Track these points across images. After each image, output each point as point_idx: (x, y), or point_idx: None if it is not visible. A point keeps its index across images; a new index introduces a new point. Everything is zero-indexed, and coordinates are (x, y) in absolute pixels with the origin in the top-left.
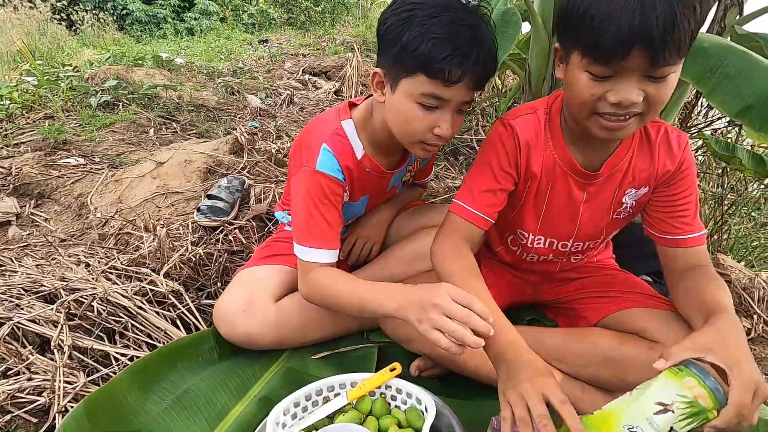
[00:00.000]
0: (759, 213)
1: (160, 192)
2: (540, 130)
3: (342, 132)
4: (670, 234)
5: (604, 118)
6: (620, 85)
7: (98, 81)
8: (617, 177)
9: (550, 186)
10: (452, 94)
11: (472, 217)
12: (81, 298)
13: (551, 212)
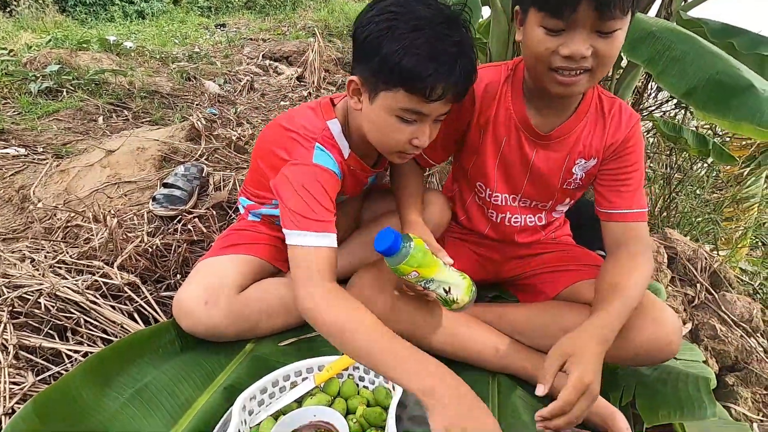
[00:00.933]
0: (702, 190)
1: (112, 182)
2: (500, 82)
3: (329, 133)
4: (606, 207)
5: (558, 73)
6: (571, 38)
7: (38, 66)
8: (568, 143)
9: (504, 139)
10: (432, 109)
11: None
12: (26, 294)
13: (505, 162)
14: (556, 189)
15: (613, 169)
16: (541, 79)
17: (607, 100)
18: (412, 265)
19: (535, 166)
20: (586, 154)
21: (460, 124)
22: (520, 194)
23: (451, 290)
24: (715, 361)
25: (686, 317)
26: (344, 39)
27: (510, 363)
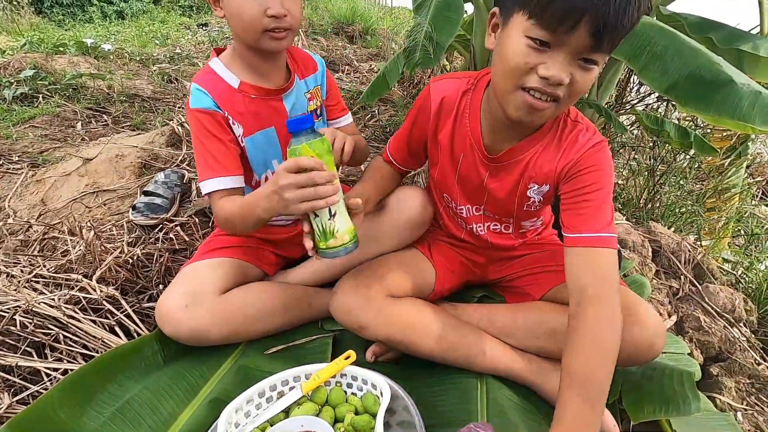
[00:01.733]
0: (686, 181)
1: (90, 191)
2: (457, 98)
3: (209, 69)
4: (567, 232)
5: (529, 94)
6: (554, 59)
7: (12, 71)
8: (518, 167)
9: (462, 155)
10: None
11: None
12: (1, 312)
13: (463, 179)
14: (516, 208)
15: (569, 192)
16: (506, 98)
17: (571, 124)
18: (314, 150)
19: (489, 188)
20: (538, 179)
21: (421, 133)
22: (482, 207)
23: (336, 216)
24: (700, 352)
25: (671, 309)
26: (328, 37)
27: (498, 365)
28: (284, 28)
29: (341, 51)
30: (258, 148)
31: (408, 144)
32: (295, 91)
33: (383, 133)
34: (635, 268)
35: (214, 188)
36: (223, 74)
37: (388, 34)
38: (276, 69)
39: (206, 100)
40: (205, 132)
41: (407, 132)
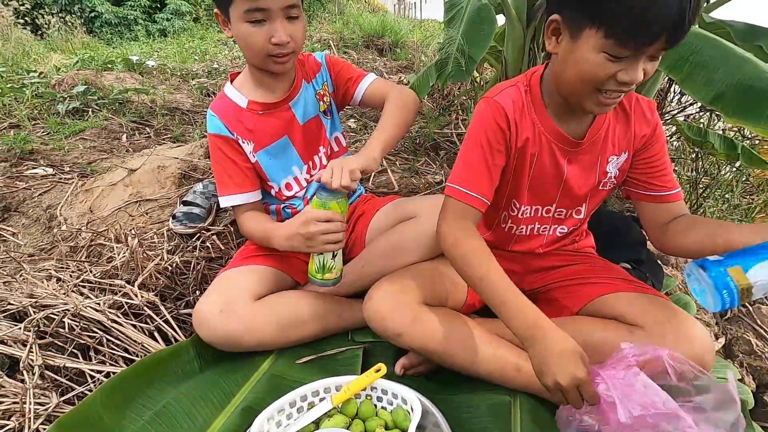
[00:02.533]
0: (732, 195)
1: (133, 200)
2: (522, 101)
3: (223, 94)
4: (655, 191)
5: (604, 95)
6: (633, 65)
7: (66, 87)
8: (598, 144)
9: (536, 155)
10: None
11: (469, 200)
12: (52, 314)
13: (537, 180)
14: (591, 192)
15: (649, 158)
16: (582, 98)
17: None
18: (341, 207)
19: (570, 176)
20: (617, 150)
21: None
22: (553, 204)
23: (336, 257)
24: (752, 378)
25: (719, 332)
26: (359, 50)
27: (532, 383)
28: (287, 53)
29: (371, 63)
30: (274, 158)
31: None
32: (302, 95)
33: (413, 144)
34: (678, 287)
35: (232, 203)
36: (233, 96)
37: (418, 47)
38: (285, 81)
39: (218, 124)
40: (220, 154)
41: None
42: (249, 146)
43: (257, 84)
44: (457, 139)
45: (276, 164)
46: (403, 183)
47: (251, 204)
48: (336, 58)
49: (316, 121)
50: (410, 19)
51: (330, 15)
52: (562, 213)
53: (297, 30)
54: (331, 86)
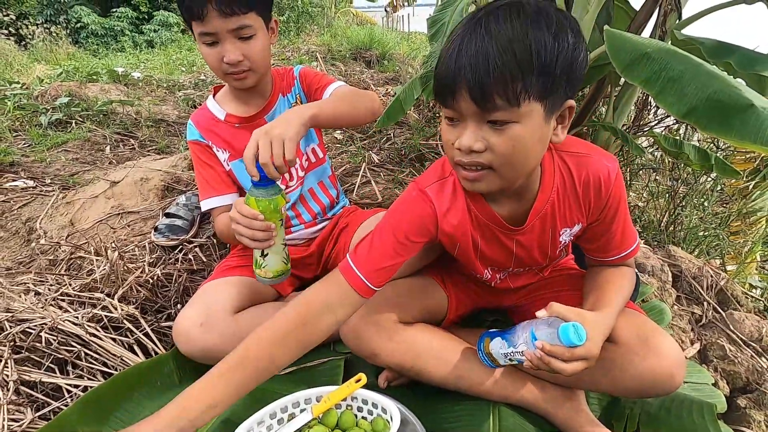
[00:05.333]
0: (709, 204)
1: (115, 213)
2: (458, 191)
3: (204, 106)
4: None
5: (460, 166)
6: (463, 129)
7: (49, 99)
8: (546, 221)
9: (479, 238)
10: None
11: (360, 287)
12: (28, 329)
13: (487, 256)
14: (545, 258)
15: (601, 229)
16: (455, 173)
17: (573, 161)
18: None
19: (519, 251)
20: (570, 222)
21: (419, 246)
22: (510, 269)
23: (268, 257)
24: (726, 383)
25: (694, 337)
26: (346, 62)
27: (509, 393)
28: (243, 71)
29: (359, 75)
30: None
31: (397, 264)
32: (278, 109)
33: (398, 156)
34: (654, 294)
35: (209, 206)
36: (212, 109)
37: (405, 59)
38: (258, 95)
39: (194, 132)
40: (198, 160)
41: (393, 252)
42: (224, 154)
43: (234, 97)
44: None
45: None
46: (387, 194)
47: (227, 206)
48: (309, 71)
49: None
50: (398, 32)
51: (318, 27)
52: (520, 271)
53: (252, 48)
54: (304, 98)
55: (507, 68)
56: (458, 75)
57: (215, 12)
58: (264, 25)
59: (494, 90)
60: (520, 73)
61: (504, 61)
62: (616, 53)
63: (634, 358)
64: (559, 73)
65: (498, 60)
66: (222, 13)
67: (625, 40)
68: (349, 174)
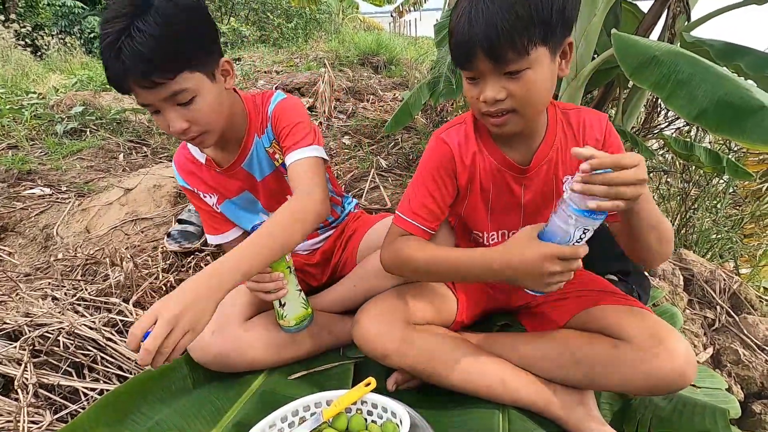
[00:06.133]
0: (721, 206)
1: (129, 219)
2: (470, 136)
3: (184, 145)
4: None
5: (488, 117)
6: (484, 85)
7: (64, 108)
8: (550, 167)
9: (491, 185)
10: None
11: (410, 228)
12: (47, 333)
13: (496, 206)
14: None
15: None
16: (484, 124)
17: (572, 113)
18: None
19: (527, 200)
20: (571, 170)
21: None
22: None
23: (285, 306)
24: (740, 388)
25: (707, 342)
26: (354, 68)
27: (520, 397)
28: (195, 136)
29: (366, 81)
30: (240, 208)
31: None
32: (254, 154)
33: (406, 160)
34: (665, 297)
35: (214, 243)
36: (193, 150)
37: (412, 64)
38: (232, 141)
39: (179, 177)
40: (192, 201)
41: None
42: (212, 199)
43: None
44: None
45: (242, 213)
46: (395, 199)
47: (232, 240)
48: (283, 113)
49: (274, 176)
50: (405, 37)
51: (326, 34)
52: None
53: (195, 112)
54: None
55: (514, 28)
56: (473, 41)
57: (137, 87)
58: (207, 78)
59: (506, 48)
60: (524, 29)
61: (510, 22)
62: (625, 57)
63: (646, 356)
64: (555, 19)
65: (506, 23)
66: (144, 88)
67: (634, 44)
68: (358, 179)
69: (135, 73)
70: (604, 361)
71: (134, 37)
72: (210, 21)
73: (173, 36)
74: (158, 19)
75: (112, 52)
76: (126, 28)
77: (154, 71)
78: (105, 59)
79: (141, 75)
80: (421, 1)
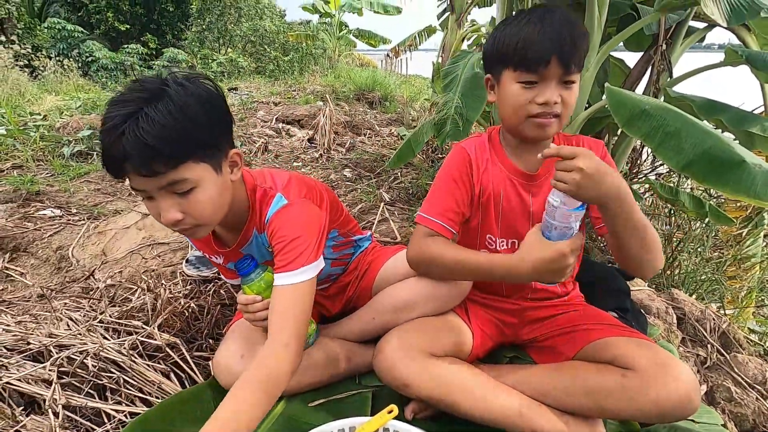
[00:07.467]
0: (704, 249)
1: (146, 243)
2: (485, 147)
3: None
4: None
5: (535, 118)
6: (543, 89)
7: (70, 131)
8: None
9: (501, 193)
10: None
11: (436, 227)
12: (73, 355)
13: (508, 215)
14: None
15: None
16: (520, 127)
17: (574, 137)
18: (253, 290)
19: (535, 208)
20: None
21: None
22: None
23: None
24: (734, 424)
25: (701, 379)
26: (350, 103)
27: (534, 427)
28: (188, 228)
29: (362, 116)
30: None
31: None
32: (254, 244)
33: (406, 195)
34: (661, 335)
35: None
36: None
37: (406, 101)
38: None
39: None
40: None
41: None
42: (219, 259)
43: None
44: None
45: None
46: (403, 232)
47: None
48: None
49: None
50: (398, 75)
51: (321, 68)
52: None
53: (192, 203)
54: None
55: (581, 43)
56: (551, 47)
57: (134, 173)
58: (212, 170)
59: (574, 59)
60: (582, 48)
61: (577, 38)
62: (617, 109)
63: (654, 383)
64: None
65: (576, 39)
66: (142, 175)
67: (625, 98)
68: (365, 212)
69: (134, 159)
70: (614, 389)
71: (140, 123)
72: (226, 111)
73: (182, 126)
74: (170, 107)
75: (113, 136)
76: (134, 113)
77: (155, 159)
78: (104, 141)
79: (140, 163)
80: (416, 44)
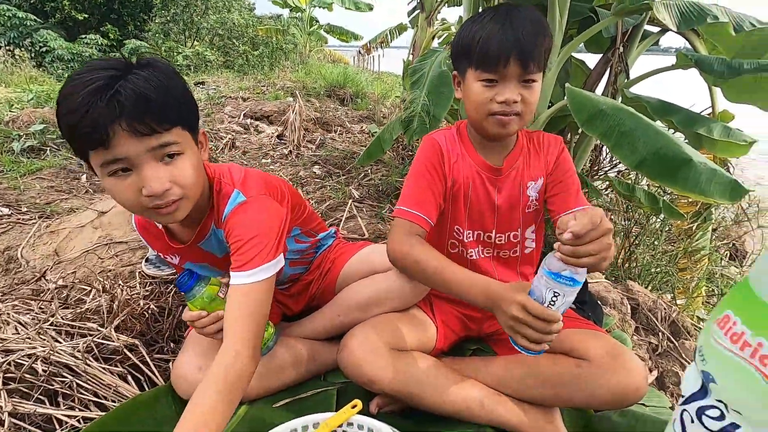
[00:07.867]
0: (659, 243)
1: (103, 242)
2: (455, 140)
3: None
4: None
5: (496, 116)
6: (503, 88)
7: (21, 125)
8: (518, 172)
9: (470, 185)
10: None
11: (415, 219)
12: (20, 359)
13: (475, 207)
14: (520, 216)
15: (557, 177)
16: (482, 124)
17: (534, 134)
18: (197, 306)
19: (500, 201)
20: (534, 176)
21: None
22: (493, 231)
23: None
24: None
25: (652, 365)
26: (321, 99)
27: (495, 417)
28: (172, 200)
29: (333, 112)
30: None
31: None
32: (212, 237)
33: (376, 192)
34: (616, 325)
35: None
36: None
37: (378, 99)
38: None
39: (142, 238)
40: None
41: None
42: (175, 259)
43: None
44: None
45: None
46: (371, 228)
47: None
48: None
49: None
50: (370, 71)
51: (292, 63)
52: (501, 238)
53: (181, 170)
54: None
55: (540, 43)
56: (510, 47)
57: (125, 133)
58: (193, 141)
59: (533, 58)
60: (543, 48)
61: (539, 38)
62: (577, 109)
63: (606, 373)
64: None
65: (536, 38)
66: (136, 133)
67: (584, 98)
68: (333, 209)
69: (130, 113)
70: (569, 379)
71: (135, 79)
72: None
73: (173, 88)
74: (157, 72)
75: (103, 95)
76: (121, 76)
77: (151, 114)
78: (89, 103)
79: (136, 116)
80: (387, 41)
